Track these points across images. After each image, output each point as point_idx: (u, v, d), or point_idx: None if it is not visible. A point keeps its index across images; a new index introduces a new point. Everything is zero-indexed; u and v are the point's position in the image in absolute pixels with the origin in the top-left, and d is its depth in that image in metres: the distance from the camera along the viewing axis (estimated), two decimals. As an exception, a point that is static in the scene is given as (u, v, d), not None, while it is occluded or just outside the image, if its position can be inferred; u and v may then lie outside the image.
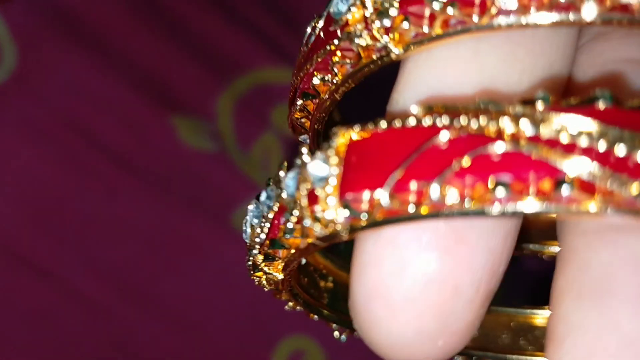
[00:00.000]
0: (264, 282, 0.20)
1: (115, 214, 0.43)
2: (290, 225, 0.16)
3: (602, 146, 0.13)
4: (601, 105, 0.14)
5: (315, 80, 0.18)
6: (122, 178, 0.43)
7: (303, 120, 0.21)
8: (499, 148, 0.14)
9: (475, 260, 0.16)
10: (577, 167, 0.13)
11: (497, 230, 0.16)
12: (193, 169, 0.43)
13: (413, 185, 0.14)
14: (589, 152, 0.13)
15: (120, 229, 0.43)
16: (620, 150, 0.13)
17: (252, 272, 0.20)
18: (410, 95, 0.17)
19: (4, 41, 0.43)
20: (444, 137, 0.14)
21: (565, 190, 0.13)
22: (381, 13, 0.16)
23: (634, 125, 0.13)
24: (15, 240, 0.41)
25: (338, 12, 0.17)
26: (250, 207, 0.19)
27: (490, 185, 0.13)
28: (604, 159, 0.13)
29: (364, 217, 0.15)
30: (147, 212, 0.43)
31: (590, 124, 0.13)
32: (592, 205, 0.13)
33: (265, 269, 0.19)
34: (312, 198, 0.16)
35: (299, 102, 0.19)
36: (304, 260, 0.23)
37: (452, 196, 0.14)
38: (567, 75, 0.17)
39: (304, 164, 0.16)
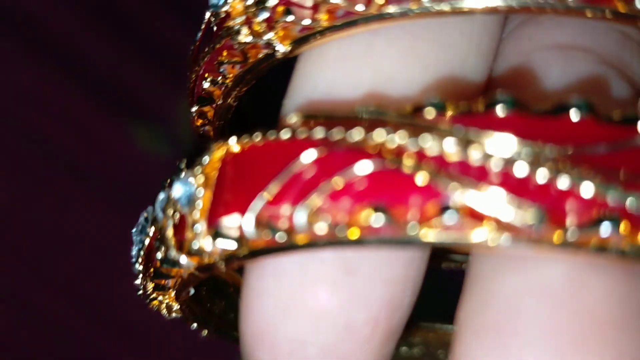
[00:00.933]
0: (164, 310, 0.18)
1: (70, 225, 0.42)
2: (159, 255, 0.14)
3: (496, 165, 0.11)
4: (500, 112, 0.11)
5: (205, 84, 0.16)
6: (77, 187, 0.42)
7: (207, 128, 0.19)
8: (375, 166, 0.11)
9: (370, 293, 0.13)
10: (466, 190, 0.11)
11: (395, 259, 0.14)
12: (151, 176, 0.42)
13: (284, 209, 0.12)
14: (481, 171, 0.11)
15: (75, 240, 0.41)
16: (519, 169, 0.11)
17: (147, 300, 0.18)
18: (297, 100, 0.14)
19: None
20: (311, 154, 0.12)
21: (450, 217, 0.11)
22: (259, 2, 0.14)
23: (539, 135, 0.11)
24: None
25: (215, 4, 0.15)
26: (134, 229, 0.17)
27: (364, 211, 0.11)
28: (500, 180, 0.11)
29: (232, 246, 0.13)
30: (104, 222, 0.41)
31: (484, 137, 0.11)
32: (482, 233, 0.11)
33: (160, 297, 0.17)
34: (180, 224, 0.14)
35: (194, 108, 0.17)
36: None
37: (321, 224, 0.11)
38: (485, 71, 0.15)
39: (170, 184, 0.14)
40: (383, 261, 0.14)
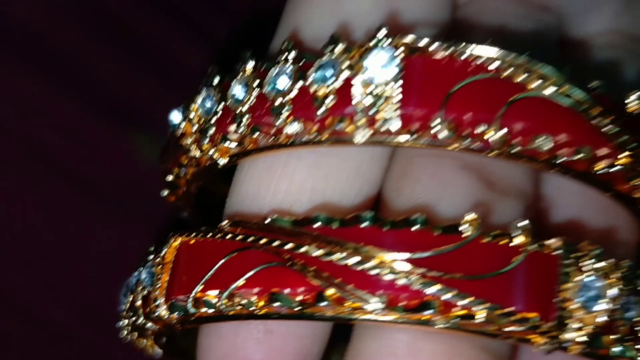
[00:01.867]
0: (149, 349, 0.23)
1: (75, 237, 0.41)
2: (133, 319, 0.19)
3: (354, 265, 0.16)
4: (364, 225, 0.16)
5: (171, 177, 0.21)
6: (78, 197, 0.41)
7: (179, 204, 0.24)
8: (276, 263, 0.16)
9: (285, 347, 0.18)
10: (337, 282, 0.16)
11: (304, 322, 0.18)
12: (150, 186, 0.42)
13: (213, 292, 0.17)
14: (345, 270, 0.16)
15: (78, 251, 0.41)
16: (370, 269, 0.16)
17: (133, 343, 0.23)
18: (230, 204, 0.19)
19: None
20: (233, 252, 0.17)
21: (325, 302, 0.16)
22: (203, 131, 0.19)
23: (386, 244, 0.16)
24: None
25: (174, 125, 0.20)
26: (121, 292, 0.21)
27: (265, 295, 0.16)
28: (358, 277, 0.16)
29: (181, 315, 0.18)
30: (105, 232, 0.41)
31: (346, 246, 0.16)
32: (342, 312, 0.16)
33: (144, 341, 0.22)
34: (146, 298, 0.19)
35: (165, 192, 0.22)
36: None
37: (238, 303, 0.16)
38: (378, 182, 0.20)
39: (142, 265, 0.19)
40: (295, 323, 0.18)
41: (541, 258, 0.16)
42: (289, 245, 0.16)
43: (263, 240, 0.17)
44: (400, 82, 0.16)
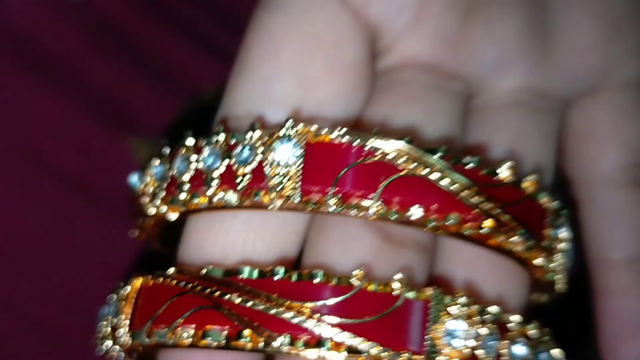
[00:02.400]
0: None
1: (72, 241, 0.41)
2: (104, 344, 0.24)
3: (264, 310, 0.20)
4: (278, 277, 0.20)
5: (139, 222, 0.25)
6: (78, 203, 0.42)
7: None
8: (209, 309, 0.21)
9: None
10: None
11: None
12: None
13: (161, 328, 0.22)
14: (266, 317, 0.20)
15: (78, 256, 0.41)
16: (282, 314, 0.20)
17: None
18: (181, 251, 0.24)
19: None
20: (175, 297, 0.21)
21: (244, 338, 0.20)
22: (155, 194, 0.23)
23: (292, 295, 0.20)
24: None
25: (133, 185, 0.24)
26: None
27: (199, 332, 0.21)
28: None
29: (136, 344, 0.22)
30: (105, 237, 0.42)
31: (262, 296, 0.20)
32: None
33: None
34: (114, 328, 0.23)
35: (136, 233, 0.26)
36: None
37: (180, 336, 0.21)
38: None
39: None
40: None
41: (416, 304, 0.21)
42: (217, 293, 0.21)
43: (199, 287, 0.21)
44: (302, 165, 0.20)
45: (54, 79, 0.42)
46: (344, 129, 0.21)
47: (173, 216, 0.23)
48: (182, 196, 0.23)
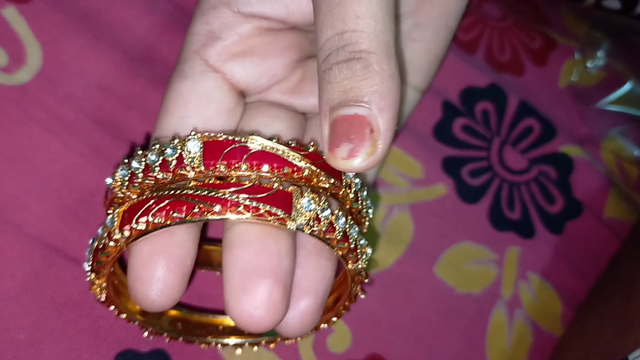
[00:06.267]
0: (98, 291, 0.36)
1: None
2: (100, 245, 0.35)
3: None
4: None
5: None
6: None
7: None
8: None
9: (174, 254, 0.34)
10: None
11: None
12: None
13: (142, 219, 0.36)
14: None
15: None
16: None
17: (91, 287, 0.36)
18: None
19: (29, 42, 0.44)
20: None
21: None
22: (122, 184, 0.37)
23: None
24: (46, 230, 0.41)
25: (108, 184, 0.39)
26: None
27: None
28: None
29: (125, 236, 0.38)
30: None
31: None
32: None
33: (96, 282, 0.36)
34: (108, 231, 0.35)
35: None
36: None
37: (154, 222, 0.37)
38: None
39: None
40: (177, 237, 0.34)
41: (286, 192, 0.33)
42: (177, 192, 0.32)
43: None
44: (202, 151, 0.33)
45: (122, 53, 0.45)
46: (224, 134, 0.35)
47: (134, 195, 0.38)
48: (139, 181, 0.33)
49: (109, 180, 0.35)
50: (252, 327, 0.32)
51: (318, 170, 0.34)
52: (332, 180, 0.34)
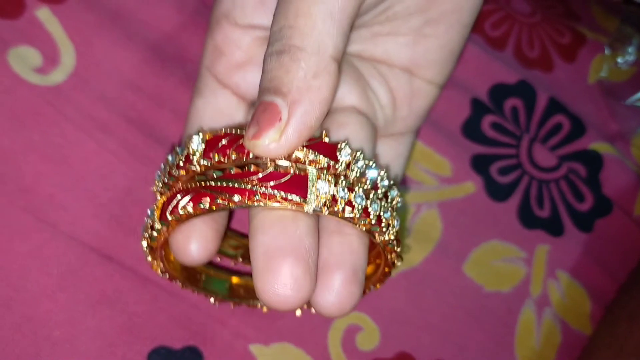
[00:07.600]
0: (157, 269, 0.38)
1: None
2: (150, 229, 0.38)
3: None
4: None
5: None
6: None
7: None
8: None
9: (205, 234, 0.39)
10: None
11: None
12: None
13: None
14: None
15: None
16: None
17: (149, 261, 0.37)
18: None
19: (62, 42, 0.44)
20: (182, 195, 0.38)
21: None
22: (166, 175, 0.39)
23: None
24: (81, 229, 0.42)
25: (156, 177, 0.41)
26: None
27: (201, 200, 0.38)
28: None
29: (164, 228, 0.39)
30: None
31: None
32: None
33: (151, 259, 0.37)
34: (152, 220, 0.38)
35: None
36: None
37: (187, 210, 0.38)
38: None
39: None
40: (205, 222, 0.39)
41: (302, 176, 0.33)
42: (203, 183, 0.33)
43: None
44: (203, 146, 0.34)
45: (153, 52, 0.46)
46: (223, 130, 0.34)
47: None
48: (175, 172, 0.35)
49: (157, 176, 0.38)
50: (280, 305, 0.33)
51: (309, 151, 0.34)
52: (326, 159, 0.34)
